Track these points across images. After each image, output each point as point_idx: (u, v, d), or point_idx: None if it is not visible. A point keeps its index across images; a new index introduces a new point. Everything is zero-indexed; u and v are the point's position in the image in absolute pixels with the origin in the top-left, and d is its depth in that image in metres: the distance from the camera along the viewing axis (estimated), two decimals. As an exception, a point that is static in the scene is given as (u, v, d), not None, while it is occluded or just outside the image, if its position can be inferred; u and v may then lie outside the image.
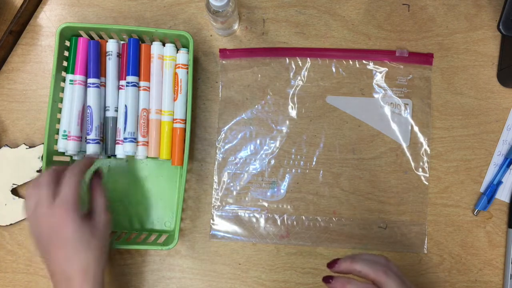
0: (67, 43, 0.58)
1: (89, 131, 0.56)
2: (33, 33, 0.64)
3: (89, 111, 0.56)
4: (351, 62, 0.62)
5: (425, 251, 0.60)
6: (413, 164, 0.61)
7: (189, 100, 0.56)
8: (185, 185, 0.57)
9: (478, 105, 0.62)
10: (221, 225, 0.61)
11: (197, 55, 0.63)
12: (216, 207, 0.61)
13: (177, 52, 0.59)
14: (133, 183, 0.61)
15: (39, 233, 0.49)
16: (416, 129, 0.62)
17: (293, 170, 0.62)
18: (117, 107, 0.58)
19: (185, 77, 0.58)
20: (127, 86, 0.57)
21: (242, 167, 0.62)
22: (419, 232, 0.61)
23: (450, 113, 0.62)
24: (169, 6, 0.64)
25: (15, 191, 0.61)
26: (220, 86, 0.63)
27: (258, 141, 0.62)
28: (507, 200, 0.61)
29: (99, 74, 0.57)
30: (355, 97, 0.62)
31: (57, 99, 0.57)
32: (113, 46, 0.58)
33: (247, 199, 0.61)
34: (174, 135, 0.58)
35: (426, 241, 0.61)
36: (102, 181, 0.55)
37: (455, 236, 0.61)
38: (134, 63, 0.57)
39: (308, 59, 0.62)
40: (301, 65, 0.62)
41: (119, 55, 0.58)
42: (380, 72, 0.62)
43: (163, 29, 0.56)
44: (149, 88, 0.58)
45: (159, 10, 0.64)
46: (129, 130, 0.57)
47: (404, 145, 0.62)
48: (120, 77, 0.58)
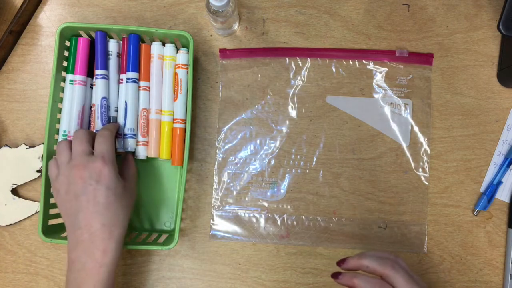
0: (67, 43, 0.58)
1: (105, 122, 0.56)
2: (33, 33, 0.64)
3: (104, 102, 0.57)
4: (351, 62, 0.62)
5: (425, 251, 0.61)
6: (413, 164, 0.61)
7: (189, 100, 0.56)
8: (185, 185, 0.57)
9: (478, 105, 0.62)
10: (221, 225, 0.61)
11: (197, 55, 0.63)
12: (216, 207, 0.61)
13: (177, 52, 0.59)
14: (133, 183, 0.62)
15: (68, 186, 0.48)
16: (416, 129, 0.62)
17: (293, 170, 0.62)
18: (117, 107, 0.58)
19: (185, 77, 0.58)
20: (127, 82, 0.57)
21: (242, 167, 0.62)
22: (419, 232, 0.61)
23: (450, 113, 0.62)
24: (169, 6, 0.64)
25: (15, 191, 0.61)
26: (220, 86, 0.63)
27: (258, 141, 0.62)
28: (507, 200, 0.61)
29: (106, 65, 0.57)
30: (355, 97, 0.62)
31: (57, 99, 0.57)
32: (113, 46, 0.58)
33: (247, 199, 0.61)
34: (174, 135, 0.58)
35: (426, 241, 0.61)
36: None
37: (455, 236, 0.61)
38: (134, 59, 0.57)
39: (308, 59, 0.62)
40: (301, 65, 0.62)
41: (119, 55, 0.58)
42: (380, 72, 0.62)
43: (163, 29, 0.56)
44: (149, 88, 0.58)
45: (159, 10, 0.64)
46: (129, 126, 0.57)
47: (404, 145, 0.62)
48: (120, 71, 0.58)
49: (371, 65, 0.62)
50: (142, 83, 0.58)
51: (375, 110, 0.62)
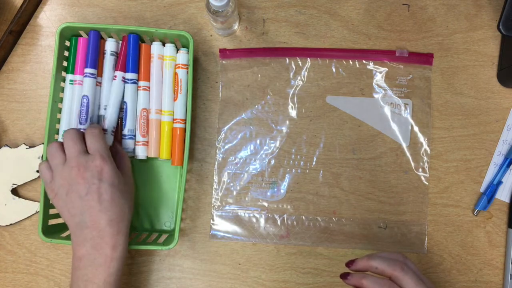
0: (67, 43, 0.58)
1: (84, 121, 0.56)
2: (33, 33, 0.64)
3: (85, 100, 0.56)
4: (351, 62, 0.62)
5: (425, 251, 0.60)
6: (413, 164, 0.61)
7: (189, 100, 0.56)
8: (185, 185, 0.57)
9: (478, 105, 0.62)
10: (221, 225, 0.61)
11: (197, 55, 0.63)
12: (216, 207, 0.61)
13: (177, 52, 0.59)
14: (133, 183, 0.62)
15: (69, 187, 0.48)
16: (416, 129, 0.62)
17: (293, 170, 0.62)
18: (106, 105, 0.57)
19: (185, 77, 0.58)
20: (126, 83, 0.57)
21: (242, 167, 0.62)
22: (419, 232, 0.61)
23: (450, 113, 0.62)
24: (169, 6, 0.64)
25: (15, 191, 0.61)
26: (220, 86, 0.63)
27: (258, 141, 0.62)
28: (507, 200, 0.61)
29: (96, 65, 0.57)
30: (355, 97, 0.62)
31: (57, 99, 0.57)
32: (112, 45, 0.58)
33: (247, 199, 0.61)
34: (174, 135, 0.58)
35: (426, 241, 0.61)
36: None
37: (455, 236, 0.61)
38: (134, 60, 0.57)
39: (308, 59, 0.62)
40: (301, 65, 0.62)
41: (115, 54, 0.58)
42: (380, 72, 0.62)
43: (163, 29, 0.56)
44: (149, 88, 0.58)
45: (159, 10, 0.64)
46: (128, 127, 0.57)
47: (404, 145, 0.62)
48: (115, 68, 0.58)
49: (371, 65, 0.62)
50: (142, 83, 0.58)
51: (375, 110, 0.62)
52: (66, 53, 0.58)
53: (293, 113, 0.62)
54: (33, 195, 0.62)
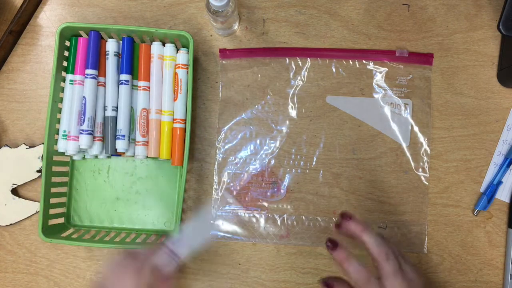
0: (67, 43, 0.58)
1: (82, 121, 0.56)
2: (33, 33, 0.64)
3: (83, 101, 0.56)
4: (351, 62, 0.62)
5: (425, 251, 0.60)
6: (413, 164, 0.61)
7: (189, 100, 0.56)
8: (185, 185, 0.57)
9: (478, 105, 0.62)
10: (221, 225, 0.61)
11: (197, 55, 0.63)
12: (216, 207, 0.61)
13: (177, 52, 0.59)
14: (133, 183, 0.62)
15: None
16: (416, 129, 0.62)
17: (293, 170, 0.62)
18: (115, 107, 0.58)
19: (185, 77, 0.58)
20: (120, 84, 0.58)
21: (242, 167, 0.62)
22: (419, 232, 0.61)
23: (450, 113, 0.62)
24: (169, 6, 0.64)
25: (15, 191, 0.61)
26: (220, 86, 0.63)
27: (258, 141, 0.62)
28: (507, 200, 0.61)
29: (97, 65, 0.57)
30: (355, 97, 0.62)
31: (57, 99, 0.57)
32: (112, 45, 0.58)
33: (247, 199, 0.61)
34: (174, 135, 0.58)
35: (426, 241, 0.61)
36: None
37: (455, 236, 0.61)
38: (128, 61, 0.58)
39: (308, 59, 0.62)
40: (301, 65, 0.62)
41: (118, 55, 0.58)
42: (380, 72, 0.62)
43: (163, 29, 0.56)
44: (149, 88, 0.58)
45: (159, 10, 0.64)
46: (119, 127, 0.57)
47: (404, 145, 0.62)
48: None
49: (371, 65, 0.62)
50: (142, 83, 0.58)
51: (375, 110, 0.62)
52: (66, 53, 0.58)
53: (293, 113, 0.62)
54: (33, 195, 0.62)
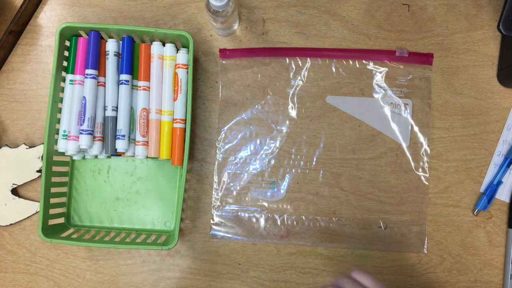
0: (67, 43, 0.58)
1: (82, 121, 0.56)
2: (33, 33, 0.64)
3: (83, 101, 0.56)
4: (351, 62, 0.62)
5: (425, 251, 0.60)
6: (413, 164, 0.61)
7: (189, 100, 0.56)
8: (185, 185, 0.57)
9: (478, 105, 0.62)
10: (221, 225, 0.61)
11: (197, 55, 0.63)
12: (216, 207, 0.61)
13: (177, 52, 0.59)
14: (133, 183, 0.62)
15: None
16: (416, 129, 0.62)
17: (293, 170, 0.62)
18: (115, 107, 0.58)
19: (185, 77, 0.58)
20: (120, 84, 0.58)
21: (242, 167, 0.62)
22: (419, 232, 0.61)
23: (450, 113, 0.62)
24: (169, 6, 0.64)
25: (15, 191, 0.61)
26: (220, 86, 0.63)
27: (258, 141, 0.62)
28: (507, 200, 0.61)
29: (97, 65, 0.57)
30: (355, 97, 0.62)
31: (57, 99, 0.57)
32: (112, 45, 0.58)
33: (247, 199, 0.61)
34: (174, 135, 0.58)
35: (426, 241, 0.61)
36: None
37: (455, 236, 0.61)
38: (128, 61, 0.58)
39: (308, 59, 0.62)
40: (301, 65, 0.62)
41: (118, 55, 0.58)
42: (380, 72, 0.62)
43: (163, 29, 0.56)
44: (149, 88, 0.58)
45: (159, 10, 0.64)
46: (119, 127, 0.57)
47: (404, 145, 0.62)
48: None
49: (371, 65, 0.62)
50: (141, 83, 0.58)
51: (375, 110, 0.62)
52: (66, 53, 0.58)
53: (293, 113, 0.62)
54: (33, 195, 0.62)
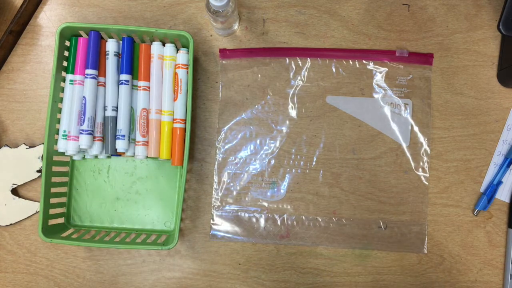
0: (67, 43, 0.58)
1: (82, 122, 0.56)
2: (33, 33, 0.64)
3: (83, 101, 0.56)
4: (351, 62, 0.62)
5: (425, 251, 0.60)
6: (413, 164, 0.61)
7: (189, 100, 0.56)
8: (185, 185, 0.57)
9: (478, 105, 0.62)
10: (221, 225, 0.61)
11: (197, 55, 0.63)
12: (216, 207, 0.61)
13: (177, 52, 0.59)
14: (133, 183, 0.62)
15: None
16: (416, 129, 0.62)
17: (293, 170, 0.62)
18: (115, 107, 0.58)
19: (185, 77, 0.58)
20: (120, 84, 0.58)
21: (242, 167, 0.62)
22: (419, 232, 0.61)
23: (450, 113, 0.62)
24: (169, 6, 0.64)
25: (15, 191, 0.61)
26: (220, 86, 0.63)
27: (258, 141, 0.62)
28: (507, 200, 0.61)
29: (97, 65, 0.57)
30: (355, 97, 0.62)
31: (57, 99, 0.57)
32: (112, 45, 0.58)
33: (247, 199, 0.61)
34: (174, 135, 0.58)
35: (426, 241, 0.61)
36: None
37: (455, 236, 0.61)
38: (128, 61, 0.58)
39: (308, 59, 0.62)
40: (301, 65, 0.62)
41: (118, 55, 0.58)
42: (380, 72, 0.62)
43: (163, 29, 0.56)
44: (149, 88, 0.58)
45: (159, 10, 0.64)
46: (119, 127, 0.57)
47: (404, 145, 0.62)
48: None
49: (371, 65, 0.62)
50: (141, 83, 0.58)
51: (375, 110, 0.62)
52: (66, 53, 0.58)
53: (293, 113, 0.62)
54: (33, 195, 0.62)
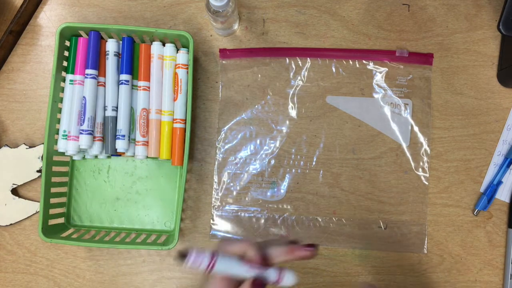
0: (67, 43, 0.58)
1: (82, 122, 0.56)
2: (33, 33, 0.64)
3: (83, 101, 0.56)
4: (351, 62, 0.62)
5: (425, 251, 0.60)
6: (413, 164, 0.61)
7: (189, 100, 0.56)
8: (185, 185, 0.57)
9: (478, 105, 0.62)
10: (221, 225, 0.61)
11: (197, 55, 0.63)
12: (216, 207, 0.61)
13: (177, 52, 0.59)
14: (133, 183, 0.62)
15: None
16: (416, 129, 0.62)
17: (293, 170, 0.62)
18: (115, 107, 0.58)
19: (185, 77, 0.58)
20: (120, 84, 0.58)
21: (242, 167, 0.62)
22: (419, 232, 0.61)
23: (450, 113, 0.62)
24: (169, 6, 0.64)
25: (15, 191, 0.61)
26: (220, 86, 0.63)
27: (258, 141, 0.62)
28: (507, 200, 0.61)
29: (97, 65, 0.57)
30: (355, 97, 0.62)
31: (57, 99, 0.57)
32: (112, 45, 0.58)
33: (247, 199, 0.61)
34: (174, 135, 0.58)
35: (426, 241, 0.61)
36: None
37: (455, 236, 0.61)
38: (128, 61, 0.58)
39: (308, 59, 0.62)
40: (301, 65, 0.62)
41: (118, 55, 0.58)
42: (380, 72, 0.62)
43: (163, 29, 0.56)
44: (149, 88, 0.58)
45: (159, 10, 0.64)
46: (119, 127, 0.57)
47: (404, 145, 0.62)
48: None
49: (371, 65, 0.62)
50: (141, 83, 0.58)
51: (375, 110, 0.62)
52: (66, 53, 0.58)
53: (293, 113, 0.62)
54: (33, 195, 0.62)
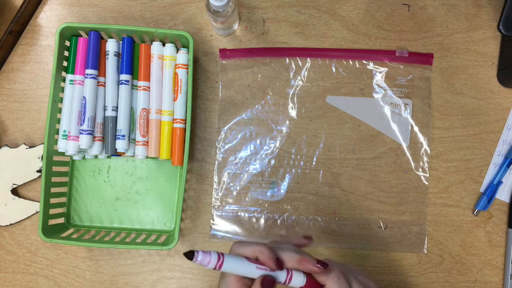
0: (67, 43, 0.58)
1: (82, 122, 0.56)
2: (33, 33, 0.64)
3: (83, 101, 0.56)
4: (351, 62, 0.62)
5: (425, 251, 0.60)
6: (413, 164, 0.61)
7: (189, 100, 0.56)
8: (185, 185, 0.57)
9: (478, 105, 0.62)
10: (221, 225, 0.61)
11: (197, 55, 0.63)
12: (216, 207, 0.61)
13: (177, 52, 0.59)
14: (133, 183, 0.62)
15: None
16: (416, 129, 0.62)
17: (293, 170, 0.62)
18: (115, 107, 0.58)
19: (185, 77, 0.58)
20: (120, 84, 0.58)
21: (242, 167, 0.62)
22: (419, 232, 0.61)
23: (450, 113, 0.62)
24: (169, 6, 0.64)
25: (15, 191, 0.61)
26: (220, 86, 0.63)
27: (258, 141, 0.62)
28: (507, 200, 0.61)
29: (97, 65, 0.57)
30: (355, 97, 0.62)
31: (57, 99, 0.57)
32: (112, 45, 0.58)
33: (247, 199, 0.61)
34: (174, 135, 0.58)
35: (426, 241, 0.61)
36: None
37: (455, 236, 0.61)
38: (128, 61, 0.58)
39: (308, 59, 0.62)
40: (301, 65, 0.62)
41: (118, 55, 0.58)
42: (380, 72, 0.62)
43: (163, 29, 0.56)
44: (149, 88, 0.58)
45: (159, 10, 0.64)
46: (119, 127, 0.57)
47: (404, 145, 0.62)
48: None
49: (371, 65, 0.62)
50: (141, 83, 0.58)
51: (375, 110, 0.62)
52: (66, 53, 0.58)
53: (293, 113, 0.62)
54: (33, 195, 0.62)
